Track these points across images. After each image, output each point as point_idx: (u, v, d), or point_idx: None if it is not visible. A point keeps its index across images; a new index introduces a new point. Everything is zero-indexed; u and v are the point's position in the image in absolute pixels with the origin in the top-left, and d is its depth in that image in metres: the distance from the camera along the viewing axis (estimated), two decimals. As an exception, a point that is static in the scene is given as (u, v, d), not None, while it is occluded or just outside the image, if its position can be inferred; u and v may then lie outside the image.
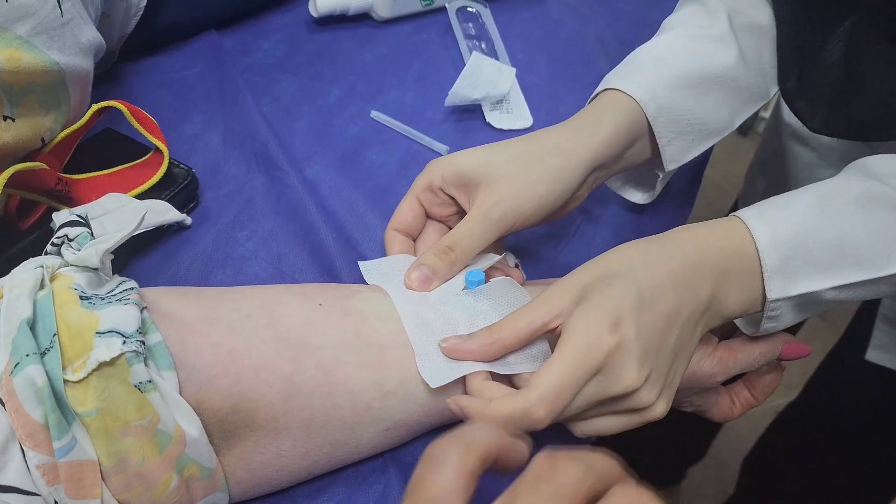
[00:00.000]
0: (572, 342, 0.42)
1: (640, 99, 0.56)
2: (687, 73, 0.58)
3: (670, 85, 0.57)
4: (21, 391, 0.33)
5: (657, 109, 0.56)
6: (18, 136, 0.49)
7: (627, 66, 0.60)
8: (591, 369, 0.42)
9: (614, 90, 0.57)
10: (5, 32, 0.46)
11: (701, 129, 0.60)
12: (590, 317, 0.42)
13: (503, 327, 0.45)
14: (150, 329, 0.38)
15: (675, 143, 0.59)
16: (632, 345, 0.42)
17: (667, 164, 0.59)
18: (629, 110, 0.56)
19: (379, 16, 0.82)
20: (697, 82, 0.59)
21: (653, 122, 0.57)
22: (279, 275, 0.57)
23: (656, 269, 0.45)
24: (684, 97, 0.58)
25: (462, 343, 0.45)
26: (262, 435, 0.40)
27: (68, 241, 0.43)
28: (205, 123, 0.68)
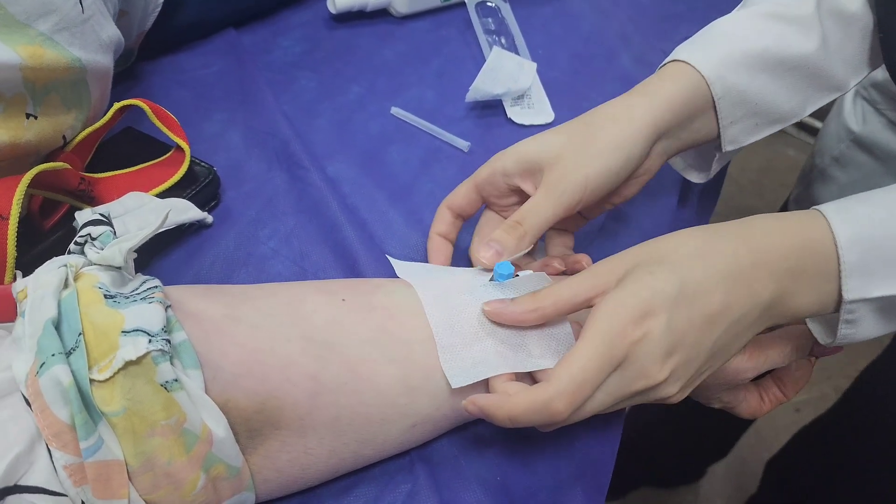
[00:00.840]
0: (596, 332, 0.41)
1: (707, 75, 0.54)
2: (762, 55, 0.55)
3: (742, 65, 0.55)
4: (47, 391, 0.33)
5: (724, 89, 0.54)
6: (41, 135, 0.48)
7: (700, 39, 0.57)
8: (613, 362, 0.41)
9: (682, 62, 0.55)
10: (28, 29, 0.46)
11: (767, 114, 0.57)
12: (618, 305, 0.41)
13: (546, 296, 0.44)
14: (175, 327, 0.37)
15: (738, 126, 0.57)
16: (658, 339, 0.41)
17: (725, 144, 0.58)
18: (694, 83, 0.54)
19: (398, 12, 0.82)
20: (772, 65, 0.56)
21: (717, 101, 0.55)
22: (302, 273, 0.56)
23: (710, 263, 0.43)
24: (754, 80, 0.55)
25: (505, 307, 0.45)
26: (288, 434, 0.40)
27: (91, 240, 0.42)
28: (225, 122, 0.67)
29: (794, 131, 2.37)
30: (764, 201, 2.07)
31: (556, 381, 0.40)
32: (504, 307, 0.45)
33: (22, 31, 0.45)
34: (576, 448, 0.49)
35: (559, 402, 0.40)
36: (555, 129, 0.54)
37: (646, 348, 0.41)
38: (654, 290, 0.41)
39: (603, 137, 0.52)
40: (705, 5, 0.91)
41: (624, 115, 0.53)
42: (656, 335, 0.41)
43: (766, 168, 2.23)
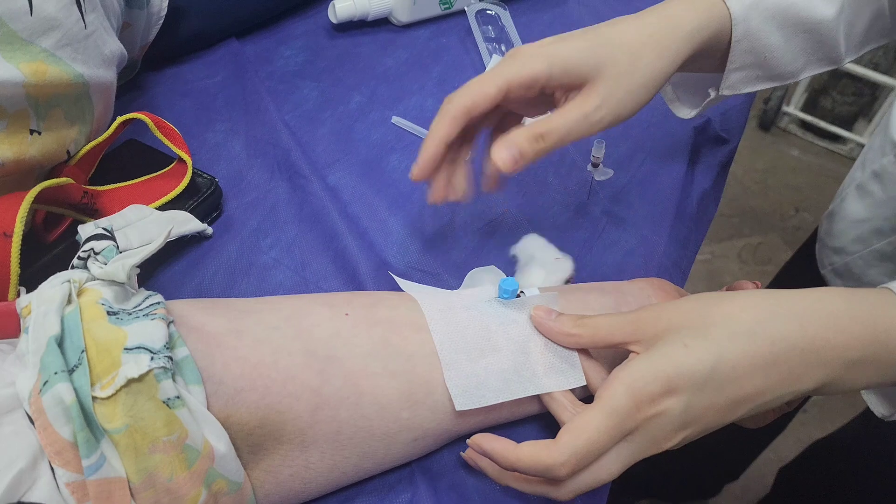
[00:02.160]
0: (611, 405, 0.40)
1: (735, 15, 0.54)
2: (787, 10, 0.56)
3: (767, 14, 0.55)
4: (50, 409, 0.33)
5: (744, 33, 0.55)
6: (45, 150, 0.49)
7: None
8: (622, 434, 0.40)
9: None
10: (31, 46, 0.46)
11: (770, 69, 0.58)
12: (640, 379, 0.40)
13: (587, 326, 0.44)
14: (177, 343, 0.38)
15: (741, 72, 0.57)
16: (674, 417, 0.40)
17: (723, 88, 0.58)
18: (722, 19, 0.54)
19: (398, 20, 0.82)
20: (792, 23, 0.56)
21: (734, 43, 0.55)
22: (303, 283, 0.57)
23: (757, 346, 0.40)
24: (773, 32, 0.56)
25: (548, 319, 0.45)
26: (289, 448, 0.40)
27: (94, 255, 0.43)
28: (227, 132, 0.68)
29: (799, 132, 2.37)
30: (769, 202, 2.07)
31: (562, 448, 0.39)
32: (547, 319, 0.45)
33: (24, 48, 0.46)
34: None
35: (561, 470, 0.39)
36: (589, 34, 0.52)
37: (659, 423, 0.40)
38: (682, 369, 0.40)
39: (647, 72, 0.51)
40: (705, 10, 0.91)
41: (665, 44, 0.52)
42: (673, 414, 0.40)
43: (771, 169, 2.23)
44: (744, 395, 0.41)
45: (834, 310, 0.42)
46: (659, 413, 0.40)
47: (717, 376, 0.40)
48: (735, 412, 0.41)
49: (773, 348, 0.40)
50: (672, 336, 0.41)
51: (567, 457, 0.39)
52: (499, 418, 0.47)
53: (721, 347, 0.40)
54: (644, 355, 0.41)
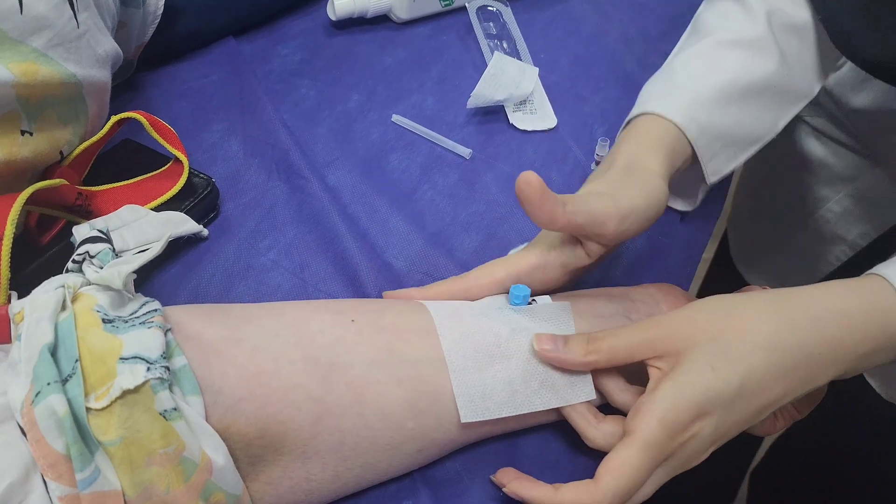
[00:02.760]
0: (648, 435, 0.40)
1: (680, 124, 0.54)
2: (727, 87, 0.56)
3: (710, 103, 0.55)
4: (42, 421, 0.32)
5: (698, 131, 0.55)
6: (37, 151, 0.48)
7: (663, 85, 0.58)
8: (660, 461, 0.41)
9: (653, 115, 0.55)
10: (21, 46, 0.45)
11: (744, 140, 0.58)
12: (673, 410, 0.40)
13: (602, 347, 0.44)
14: (174, 352, 0.37)
15: (718, 158, 0.58)
16: (706, 437, 0.41)
17: (709, 177, 0.58)
18: (672, 132, 0.55)
19: (398, 17, 0.81)
20: (738, 95, 0.57)
21: (694, 143, 0.55)
22: (302, 285, 0.56)
23: (777, 357, 0.42)
24: (725, 113, 0.56)
25: (557, 350, 0.44)
26: (290, 459, 0.39)
27: (90, 258, 0.42)
28: (225, 132, 0.67)
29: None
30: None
31: (604, 489, 0.39)
32: (556, 350, 0.44)
33: (14, 47, 0.44)
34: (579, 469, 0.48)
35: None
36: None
37: (692, 446, 0.41)
38: (712, 394, 0.41)
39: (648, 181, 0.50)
40: (708, 6, 0.90)
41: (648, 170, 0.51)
42: (705, 434, 0.41)
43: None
44: (766, 403, 0.42)
45: (846, 309, 0.43)
46: (692, 437, 0.41)
47: (744, 391, 0.41)
48: (757, 419, 0.43)
49: (793, 356, 0.42)
50: (696, 355, 0.41)
51: (610, 498, 0.39)
52: (506, 427, 0.46)
53: (746, 365, 0.41)
54: (671, 382, 0.41)
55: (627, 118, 0.59)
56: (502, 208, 0.64)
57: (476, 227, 0.62)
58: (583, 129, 0.72)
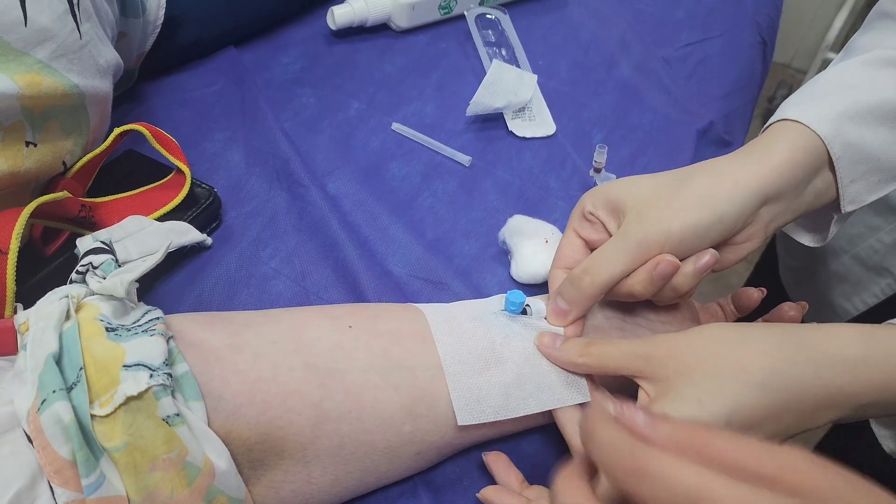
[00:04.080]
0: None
1: (824, 135, 0.48)
2: (880, 106, 0.50)
3: (861, 119, 0.49)
4: (48, 428, 0.33)
5: (843, 147, 0.48)
6: (41, 162, 0.48)
7: (808, 94, 0.52)
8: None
9: (792, 121, 0.49)
10: (25, 57, 0.46)
11: (891, 168, 0.51)
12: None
13: (596, 355, 0.44)
14: (176, 359, 0.37)
15: (859, 183, 0.51)
16: None
17: (845, 205, 0.51)
18: (809, 144, 0.48)
19: (397, 26, 0.82)
20: (892, 116, 0.50)
21: (836, 161, 0.49)
22: (303, 293, 0.56)
23: (772, 396, 0.40)
24: (875, 134, 0.50)
25: (553, 347, 0.45)
26: (291, 463, 0.39)
27: (93, 269, 0.42)
28: (226, 141, 0.67)
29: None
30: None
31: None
32: (552, 347, 0.45)
33: (19, 59, 0.45)
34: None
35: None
36: (652, 175, 0.49)
37: None
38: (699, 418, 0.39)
39: (693, 190, 0.46)
40: (705, 12, 0.91)
41: (727, 170, 0.47)
42: None
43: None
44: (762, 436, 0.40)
45: (850, 356, 0.41)
46: None
47: (733, 423, 0.39)
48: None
49: (787, 395, 0.40)
50: (684, 384, 0.40)
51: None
52: (503, 430, 0.47)
53: (735, 401, 0.39)
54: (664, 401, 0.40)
55: (765, 126, 0.52)
56: (502, 215, 0.64)
57: (476, 233, 0.63)
58: (581, 136, 0.73)
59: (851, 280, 0.84)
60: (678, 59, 0.84)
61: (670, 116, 0.76)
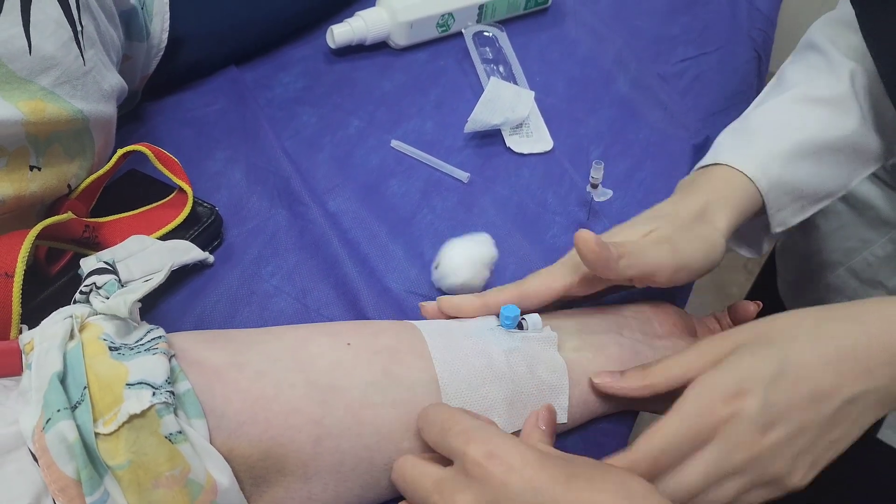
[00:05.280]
0: (683, 408, 0.42)
1: (753, 177, 0.56)
2: (802, 144, 0.57)
3: (784, 157, 0.56)
4: (53, 447, 0.33)
5: (769, 184, 0.56)
6: (45, 185, 0.49)
7: (739, 137, 0.59)
8: (696, 438, 0.41)
9: (726, 166, 0.57)
10: (30, 84, 0.47)
11: (814, 195, 0.59)
12: (708, 385, 0.42)
13: (658, 374, 0.46)
14: (179, 377, 0.38)
15: (786, 210, 0.59)
16: (752, 416, 0.41)
17: (774, 228, 0.59)
18: (743, 184, 0.56)
19: (396, 44, 0.83)
20: (814, 152, 0.58)
21: (765, 195, 0.56)
22: (304, 310, 0.57)
23: (821, 344, 0.43)
24: (798, 168, 0.57)
25: (616, 383, 0.46)
26: (292, 480, 0.40)
27: (96, 289, 0.43)
28: (227, 160, 0.68)
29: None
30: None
31: (633, 451, 0.41)
32: (615, 384, 0.47)
33: (23, 86, 0.46)
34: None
35: (638, 468, 0.41)
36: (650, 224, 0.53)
37: (738, 425, 0.41)
38: (750, 371, 0.42)
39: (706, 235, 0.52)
40: (701, 27, 0.92)
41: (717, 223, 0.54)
42: (750, 413, 0.41)
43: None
44: (821, 388, 0.42)
45: (883, 313, 0.43)
46: (734, 414, 0.41)
47: (788, 371, 0.42)
48: (819, 409, 0.42)
49: (838, 344, 0.43)
50: (738, 351, 0.44)
51: (642, 455, 0.41)
52: None
53: (786, 349, 0.43)
54: (713, 370, 0.43)
55: (699, 164, 0.60)
56: (500, 230, 0.65)
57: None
58: (578, 152, 0.74)
59: (846, 293, 0.85)
60: (674, 74, 0.85)
61: (667, 132, 0.76)
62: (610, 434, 0.52)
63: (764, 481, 0.43)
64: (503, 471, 0.36)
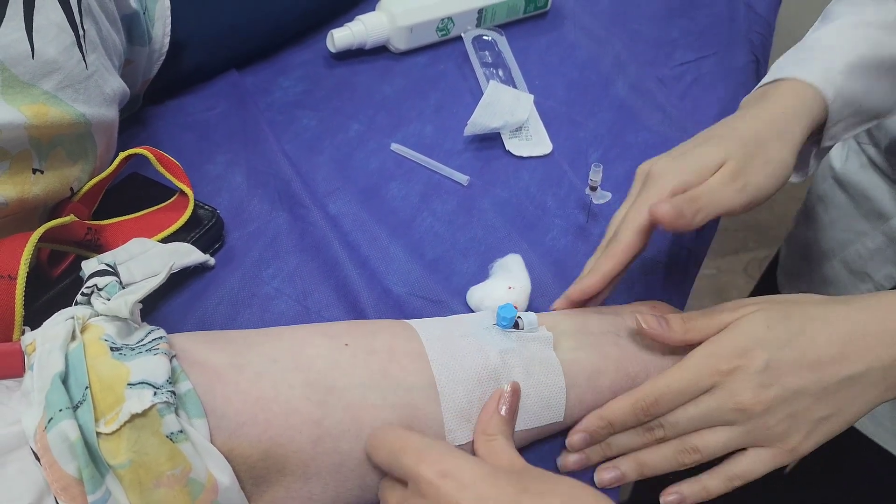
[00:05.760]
0: (691, 360, 0.47)
1: (821, 86, 0.58)
2: (860, 59, 0.59)
3: (845, 72, 0.59)
4: (55, 446, 0.34)
5: (834, 94, 0.58)
6: (48, 188, 0.50)
7: (798, 55, 0.61)
8: (696, 386, 0.46)
9: (792, 80, 0.59)
10: (32, 88, 0.47)
11: (868, 112, 0.62)
12: (717, 342, 0.47)
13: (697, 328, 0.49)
14: (180, 378, 0.38)
15: (840, 124, 0.61)
16: (753, 373, 0.45)
17: (825, 141, 0.61)
18: (812, 100, 0.58)
19: (396, 48, 0.83)
20: (869, 67, 0.60)
21: (830, 105, 0.58)
22: (305, 312, 0.57)
23: (830, 321, 0.47)
24: (856, 82, 0.59)
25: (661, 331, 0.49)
26: (292, 480, 0.40)
27: (98, 291, 0.43)
28: (228, 163, 0.69)
29: (800, 144, 2.36)
30: (774, 215, 2.07)
31: (638, 390, 0.47)
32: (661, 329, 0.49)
33: (26, 90, 0.47)
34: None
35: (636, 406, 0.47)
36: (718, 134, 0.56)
37: (737, 378, 0.45)
38: (759, 334, 0.46)
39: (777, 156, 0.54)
40: (699, 31, 0.92)
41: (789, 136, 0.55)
42: (751, 370, 0.45)
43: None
44: (824, 358, 0.45)
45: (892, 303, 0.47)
46: (736, 368, 0.46)
47: (795, 343, 0.46)
48: (821, 378, 0.45)
49: (846, 325, 0.46)
50: (753, 315, 0.47)
51: (644, 393, 0.47)
52: None
53: (802, 323, 0.46)
54: (726, 329, 0.47)
55: (760, 84, 0.62)
56: (500, 232, 0.65)
57: (474, 251, 0.64)
58: (577, 154, 0.74)
59: (838, 285, 0.86)
60: (672, 78, 0.85)
61: (665, 134, 0.77)
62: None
63: (760, 440, 0.46)
64: (455, 489, 0.37)
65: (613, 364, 0.49)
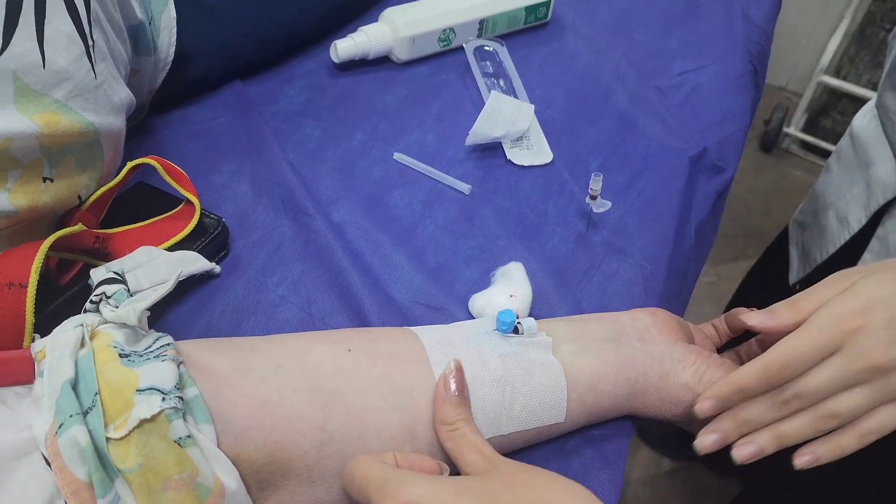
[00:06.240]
0: (813, 322, 0.47)
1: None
2: None
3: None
4: (65, 451, 0.34)
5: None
6: (57, 197, 0.51)
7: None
8: (825, 346, 0.46)
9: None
10: (43, 98, 0.48)
11: None
12: (839, 302, 0.47)
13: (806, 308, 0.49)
14: (187, 383, 0.39)
15: None
16: (878, 329, 0.46)
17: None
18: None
19: (398, 58, 0.84)
20: None
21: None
22: (309, 319, 0.58)
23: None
24: None
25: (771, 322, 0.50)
26: (297, 483, 0.41)
27: (106, 299, 0.44)
28: (233, 172, 0.70)
29: (801, 152, 2.38)
30: (773, 222, 2.08)
31: (765, 356, 0.47)
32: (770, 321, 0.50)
33: (37, 100, 0.47)
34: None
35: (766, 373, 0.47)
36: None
37: (864, 336, 0.46)
38: (876, 292, 0.47)
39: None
40: (698, 40, 0.93)
41: None
42: (876, 326, 0.46)
43: (774, 189, 2.24)
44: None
45: None
46: (861, 326, 0.46)
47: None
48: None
49: None
50: (865, 278, 0.48)
51: (771, 359, 0.47)
52: (499, 447, 0.48)
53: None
54: (845, 292, 0.48)
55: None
56: (501, 241, 0.66)
57: (476, 260, 0.64)
58: (578, 163, 0.75)
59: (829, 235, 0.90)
60: (672, 87, 0.86)
61: (664, 143, 0.78)
62: (610, 434, 0.53)
63: (894, 395, 0.46)
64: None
65: (613, 369, 0.50)
